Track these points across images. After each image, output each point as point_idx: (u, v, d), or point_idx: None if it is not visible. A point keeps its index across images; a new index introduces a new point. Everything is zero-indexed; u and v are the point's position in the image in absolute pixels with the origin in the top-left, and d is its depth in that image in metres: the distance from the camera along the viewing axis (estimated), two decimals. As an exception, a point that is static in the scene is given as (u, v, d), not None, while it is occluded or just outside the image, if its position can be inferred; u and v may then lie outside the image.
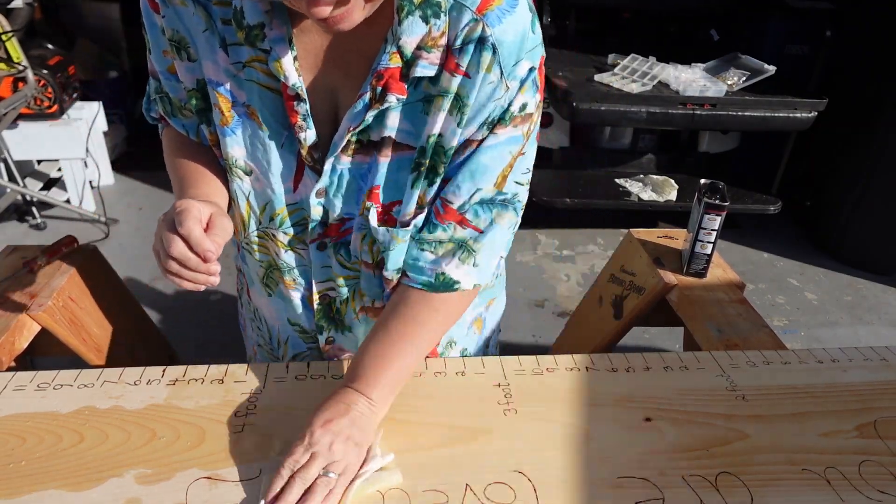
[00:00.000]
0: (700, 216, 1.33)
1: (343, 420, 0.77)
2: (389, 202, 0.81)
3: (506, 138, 0.76)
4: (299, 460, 0.73)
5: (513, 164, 0.79)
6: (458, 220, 0.80)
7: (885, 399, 0.93)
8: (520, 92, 0.74)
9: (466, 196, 0.79)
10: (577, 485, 0.76)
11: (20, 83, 2.88)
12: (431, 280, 0.82)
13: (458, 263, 0.82)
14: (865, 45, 3.15)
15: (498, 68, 0.71)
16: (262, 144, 0.81)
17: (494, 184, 0.79)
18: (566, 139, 3.41)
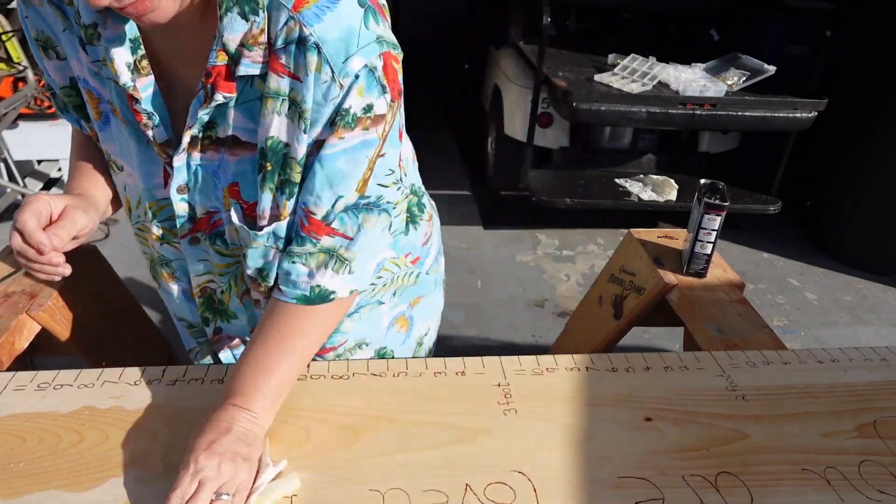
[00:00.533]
0: (700, 216, 1.33)
1: (226, 439, 0.73)
2: (252, 202, 0.81)
3: (358, 142, 0.74)
4: (187, 491, 0.69)
5: (372, 167, 0.77)
6: (326, 231, 0.78)
7: (885, 399, 0.93)
8: (356, 91, 0.71)
9: (328, 205, 0.77)
10: (578, 485, 0.76)
11: (20, 83, 2.88)
12: (307, 293, 0.80)
13: (333, 274, 0.80)
14: (865, 45, 3.15)
15: (328, 67, 0.69)
16: (126, 141, 0.83)
17: (356, 189, 0.77)
18: (566, 139, 3.41)
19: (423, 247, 1.05)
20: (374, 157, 0.76)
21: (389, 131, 0.77)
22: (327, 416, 0.85)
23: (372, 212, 0.79)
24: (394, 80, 0.74)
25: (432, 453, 0.80)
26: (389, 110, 0.75)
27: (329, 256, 0.79)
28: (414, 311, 1.08)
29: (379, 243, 0.83)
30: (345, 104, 0.71)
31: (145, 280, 2.76)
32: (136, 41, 0.74)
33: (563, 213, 3.43)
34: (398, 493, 0.74)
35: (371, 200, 0.79)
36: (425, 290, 1.10)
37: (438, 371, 0.95)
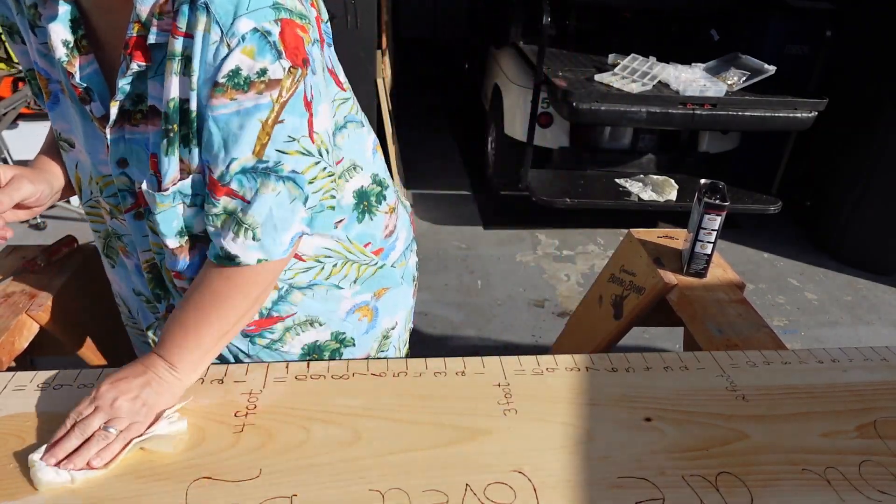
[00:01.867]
0: (700, 216, 1.33)
1: (136, 381, 0.80)
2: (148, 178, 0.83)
3: (252, 105, 0.75)
4: (82, 412, 0.77)
5: (269, 132, 0.77)
6: (226, 191, 0.79)
7: (885, 399, 0.93)
8: (244, 53, 0.72)
9: (223, 165, 0.78)
10: (578, 485, 0.76)
11: (20, 83, 2.88)
12: (219, 253, 0.82)
13: (234, 237, 0.80)
14: (865, 45, 3.15)
15: (217, 27, 0.71)
16: (74, 118, 0.86)
17: (252, 152, 0.77)
18: (566, 139, 3.41)
19: (384, 239, 1.06)
20: (269, 122, 0.76)
21: (290, 99, 0.76)
22: (327, 416, 0.85)
23: (270, 178, 0.79)
24: (295, 47, 0.75)
25: (432, 453, 0.80)
26: (289, 76, 0.75)
27: (230, 218, 0.80)
28: (379, 302, 1.08)
29: (286, 214, 0.81)
30: (232, 64, 0.72)
31: (145, 280, 2.77)
32: (77, 21, 0.78)
33: (563, 213, 3.43)
34: (398, 493, 0.74)
35: (269, 165, 0.78)
36: (391, 283, 1.09)
37: (438, 371, 0.95)
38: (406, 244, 1.13)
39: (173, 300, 0.97)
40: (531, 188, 3.24)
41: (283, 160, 0.79)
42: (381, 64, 3.36)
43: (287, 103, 0.76)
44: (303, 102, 0.78)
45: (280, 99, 0.76)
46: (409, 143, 4.17)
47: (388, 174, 1.09)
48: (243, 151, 0.77)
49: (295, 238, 0.84)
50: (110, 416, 0.77)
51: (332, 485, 0.75)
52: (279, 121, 0.77)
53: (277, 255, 0.83)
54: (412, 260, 1.17)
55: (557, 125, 3.32)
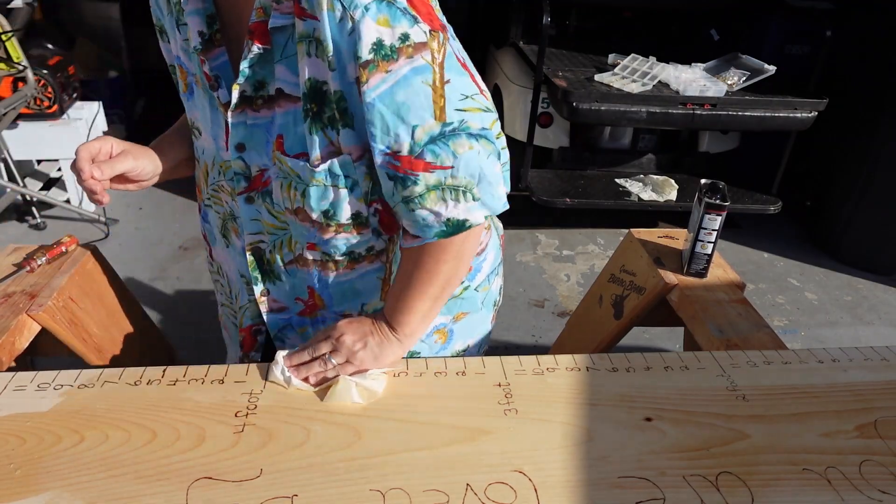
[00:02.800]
0: (700, 216, 1.33)
1: (364, 327, 0.91)
2: (296, 154, 0.85)
3: (408, 70, 0.75)
4: (319, 337, 0.91)
5: (441, 93, 0.77)
6: (423, 166, 0.78)
7: (885, 399, 0.93)
8: (378, 23, 0.73)
9: (408, 137, 0.77)
10: (578, 484, 0.76)
11: (20, 83, 2.88)
12: (444, 229, 0.83)
13: (455, 204, 0.81)
14: (865, 45, 3.15)
15: (339, 4, 0.72)
16: (204, 107, 0.92)
17: (434, 116, 0.77)
18: (566, 139, 3.41)
19: (476, 255, 1.05)
20: (436, 83, 0.77)
21: (444, 59, 0.77)
22: (327, 416, 0.85)
23: (460, 137, 0.78)
24: (428, 13, 0.77)
25: (432, 453, 0.80)
26: (433, 39, 0.76)
27: (441, 191, 0.80)
28: (456, 325, 1.08)
29: (492, 169, 0.82)
30: (370, 37, 0.73)
31: (145, 280, 2.77)
32: (213, 17, 0.86)
33: (563, 213, 3.43)
34: (398, 493, 0.74)
35: (455, 126, 0.78)
36: (471, 307, 1.09)
37: (439, 371, 0.95)
38: (492, 267, 1.11)
39: (268, 284, 1.01)
40: (531, 188, 3.24)
41: (466, 118, 0.79)
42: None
43: (444, 63, 0.77)
44: (458, 63, 0.80)
45: (435, 60, 0.76)
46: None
47: None
48: (423, 117, 0.77)
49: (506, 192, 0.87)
50: (334, 348, 0.89)
51: (332, 485, 0.75)
52: (445, 81, 0.77)
53: (500, 209, 0.86)
54: (496, 284, 1.14)
55: (557, 125, 3.32)
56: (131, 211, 3.34)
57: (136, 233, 3.18)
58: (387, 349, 0.92)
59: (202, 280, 2.80)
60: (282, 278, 1.00)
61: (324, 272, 0.97)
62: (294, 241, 0.95)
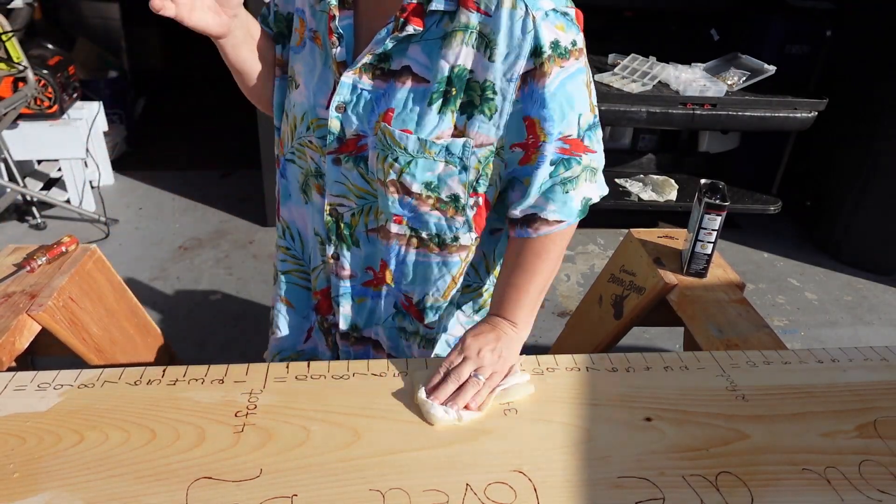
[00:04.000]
0: (700, 216, 1.33)
1: (490, 335, 0.94)
2: (401, 129, 0.89)
3: (576, 68, 0.87)
4: (454, 361, 0.90)
5: (591, 90, 0.91)
6: (584, 149, 0.91)
7: (885, 399, 0.93)
8: (554, 26, 0.83)
9: (576, 123, 0.89)
10: (578, 485, 0.76)
11: (20, 83, 2.88)
12: (580, 208, 0.95)
13: (590, 184, 0.94)
14: (865, 45, 3.15)
15: (523, 4, 0.82)
16: (313, 61, 0.96)
17: (590, 109, 0.91)
18: (566, 139, 3.40)
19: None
20: (589, 83, 0.91)
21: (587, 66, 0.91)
22: (327, 416, 0.85)
23: (598, 128, 0.94)
24: (582, 30, 0.90)
25: (432, 453, 0.80)
26: (584, 50, 0.90)
27: (587, 172, 0.93)
28: None
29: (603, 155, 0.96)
30: (549, 37, 0.83)
31: (145, 280, 2.77)
32: None
33: (563, 213, 3.42)
34: (398, 493, 0.74)
35: (597, 119, 0.94)
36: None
37: (438, 371, 0.94)
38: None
39: (340, 249, 1.03)
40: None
41: (597, 114, 0.94)
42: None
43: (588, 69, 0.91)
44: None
45: (587, 65, 0.90)
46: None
47: None
48: (585, 108, 0.90)
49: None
50: (478, 365, 0.90)
51: (332, 485, 0.75)
52: (590, 81, 0.91)
53: (605, 190, 0.98)
54: None
55: (557, 125, 3.32)
56: (131, 211, 3.34)
57: (136, 233, 3.18)
58: (514, 346, 0.96)
59: (202, 280, 2.80)
60: (359, 245, 1.02)
61: (404, 248, 1.00)
62: (380, 211, 0.97)
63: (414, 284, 1.03)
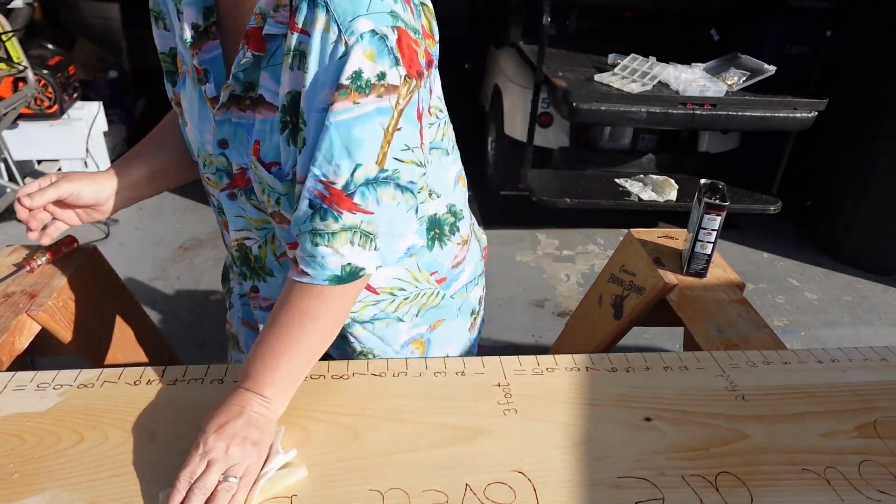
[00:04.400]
0: (700, 216, 1.33)
1: (238, 422, 0.76)
2: (269, 162, 0.84)
3: (373, 108, 0.74)
4: (196, 470, 0.72)
5: (390, 139, 0.77)
6: (349, 206, 0.77)
7: (885, 399, 0.93)
8: (363, 54, 0.72)
9: (348, 174, 0.76)
10: (578, 485, 0.76)
11: (20, 83, 2.88)
12: (338, 273, 0.79)
13: (360, 249, 0.79)
14: (865, 45, 3.15)
15: (335, 26, 0.71)
16: (192, 98, 0.91)
17: (376, 161, 0.76)
18: (566, 139, 3.41)
19: (450, 269, 1.05)
20: (390, 129, 0.76)
21: (406, 107, 0.77)
22: (327, 416, 0.85)
23: (389, 185, 0.79)
24: (410, 58, 0.76)
25: (432, 453, 0.80)
26: (405, 84, 0.76)
27: (352, 233, 0.79)
28: (433, 334, 1.08)
29: (404, 223, 0.82)
30: (353, 65, 0.72)
31: (145, 280, 2.77)
32: (210, 9, 0.84)
33: (563, 213, 3.43)
34: (398, 493, 0.74)
35: (388, 174, 0.78)
36: (448, 314, 1.08)
37: (438, 371, 0.95)
38: (470, 277, 1.11)
39: (257, 282, 1.00)
40: (531, 188, 3.24)
41: (400, 169, 0.79)
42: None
43: (404, 111, 0.77)
44: (416, 112, 0.79)
45: (398, 106, 0.76)
46: (409, 143, 4.16)
47: (467, 208, 1.09)
48: (368, 159, 0.76)
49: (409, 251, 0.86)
50: (227, 465, 0.73)
51: (332, 485, 0.75)
52: (398, 128, 0.77)
53: (391, 262, 0.84)
54: (474, 294, 1.14)
55: (557, 125, 3.32)
56: (131, 211, 3.34)
57: (136, 233, 3.18)
58: (265, 426, 0.79)
59: (202, 280, 2.80)
60: (274, 273, 0.99)
61: None
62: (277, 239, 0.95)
63: None
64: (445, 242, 1.02)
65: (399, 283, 0.99)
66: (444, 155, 0.98)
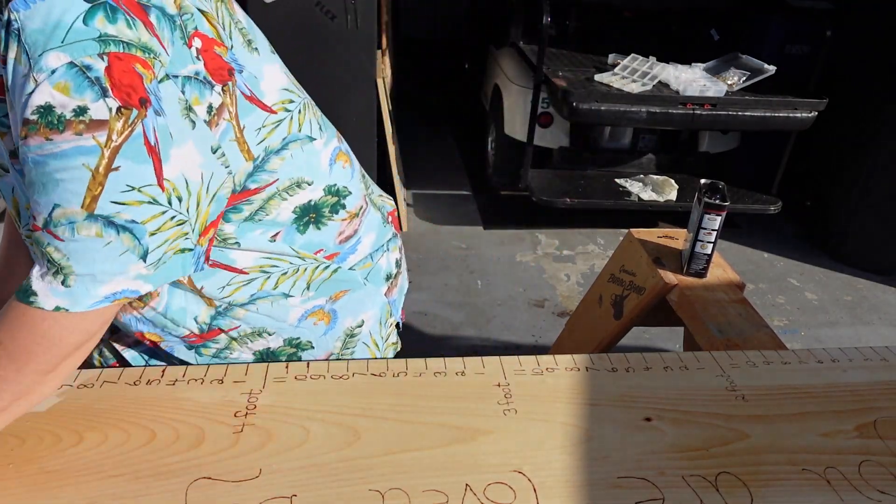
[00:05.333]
0: (700, 216, 1.33)
1: None
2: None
3: (70, 147, 0.66)
4: None
5: (102, 181, 0.68)
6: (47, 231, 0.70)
7: (885, 399, 0.93)
8: (56, 88, 0.65)
9: (45, 212, 0.69)
10: (577, 485, 0.76)
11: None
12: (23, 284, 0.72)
13: (45, 272, 0.71)
14: (865, 45, 3.16)
15: (26, 59, 0.65)
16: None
17: (82, 205, 0.68)
18: (566, 139, 3.41)
19: (339, 244, 1.02)
20: (100, 169, 0.68)
21: (123, 143, 0.68)
22: (327, 416, 0.85)
23: (97, 222, 0.69)
24: (128, 84, 0.68)
25: (432, 453, 0.80)
26: (119, 118, 0.67)
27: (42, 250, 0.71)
28: (336, 304, 1.05)
29: (112, 267, 0.72)
30: (41, 99, 0.65)
31: (145, 280, 2.76)
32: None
33: (563, 213, 3.43)
34: (398, 493, 0.74)
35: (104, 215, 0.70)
36: (350, 285, 1.05)
37: (438, 371, 0.95)
38: (375, 247, 1.09)
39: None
40: (531, 188, 3.24)
41: (121, 211, 0.70)
42: (381, 64, 3.37)
43: (121, 147, 0.68)
44: (144, 146, 0.70)
45: (110, 143, 0.67)
46: (409, 143, 4.17)
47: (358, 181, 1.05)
48: (69, 200, 0.68)
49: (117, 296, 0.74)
50: None
51: (332, 485, 0.75)
52: (113, 168, 0.68)
53: (81, 308, 0.72)
54: (384, 260, 1.12)
55: (557, 125, 3.32)
56: (131, 211, 3.34)
57: (136, 233, 3.18)
58: None
59: (202, 280, 2.80)
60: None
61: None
62: None
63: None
64: (324, 223, 0.98)
65: (269, 261, 0.94)
66: (308, 142, 0.94)
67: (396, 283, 1.17)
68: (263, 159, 0.85)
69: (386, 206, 1.18)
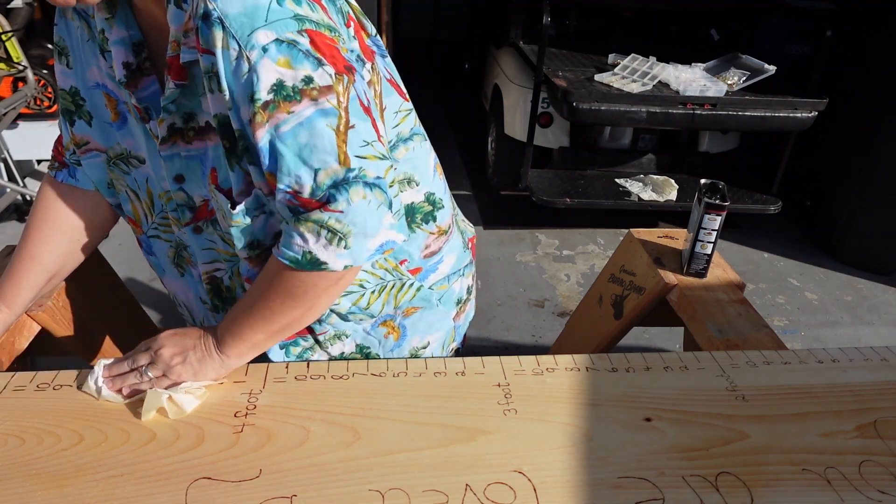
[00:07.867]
0: (700, 216, 1.33)
1: (188, 340, 0.87)
2: (228, 188, 0.83)
3: (312, 112, 0.72)
4: (139, 349, 0.88)
5: (344, 138, 0.75)
6: (319, 206, 0.76)
7: (885, 399, 0.93)
8: (279, 64, 0.70)
9: (310, 180, 0.75)
10: (578, 485, 0.76)
11: (20, 83, 2.88)
12: (298, 257, 0.79)
13: (326, 244, 0.78)
14: (865, 45, 3.16)
15: (234, 42, 0.69)
16: (141, 135, 0.89)
17: (338, 161, 0.74)
18: (566, 139, 3.41)
19: (422, 259, 1.03)
20: (341, 128, 0.74)
21: (349, 104, 0.75)
22: (327, 416, 0.85)
23: (358, 184, 0.76)
24: (333, 55, 0.73)
25: (432, 453, 0.80)
26: (338, 83, 0.74)
27: (319, 227, 0.77)
28: (407, 320, 1.06)
29: (376, 221, 0.79)
30: (269, 78, 0.70)
31: (145, 280, 2.76)
32: (141, 45, 0.82)
33: (563, 213, 3.43)
34: (398, 493, 0.74)
35: (356, 173, 0.76)
36: (423, 304, 1.06)
37: (438, 371, 0.95)
38: (453, 269, 1.10)
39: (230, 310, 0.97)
40: (531, 188, 3.24)
41: (364, 166, 0.77)
42: (381, 64, 3.37)
43: (349, 108, 0.75)
44: (360, 107, 0.77)
45: (341, 104, 0.74)
46: (409, 143, 4.16)
47: (449, 198, 1.07)
48: (326, 161, 0.74)
49: (384, 246, 0.82)
50: (151, 361, 0.86)
51: (332, 485, 0.75)
52: (350, 126, 0.75)
53: (362, 262, 0.81)
54: (458, 284, 1.12)
55: (557, 125, 3.32)
56: (131, 211, 3.34)
57: (136, 233, 3.18)
58: (207, 366, 0.87)
59: (202, 280, 2.80)
60: None
61: None
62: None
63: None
64: (413, 230, 1.00)
65: (364, 276, 0.97)
66: (424, 140, 0.98)
67: (465, 310, 1.17)
68: (394, 145, 0.88)
69: (468, 232, 1.18)
